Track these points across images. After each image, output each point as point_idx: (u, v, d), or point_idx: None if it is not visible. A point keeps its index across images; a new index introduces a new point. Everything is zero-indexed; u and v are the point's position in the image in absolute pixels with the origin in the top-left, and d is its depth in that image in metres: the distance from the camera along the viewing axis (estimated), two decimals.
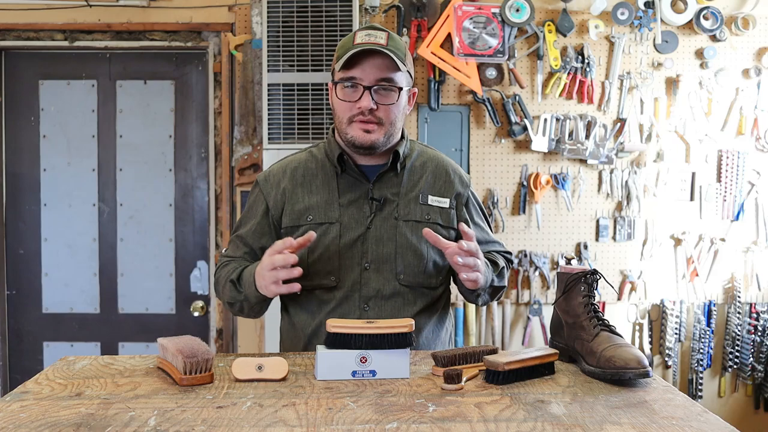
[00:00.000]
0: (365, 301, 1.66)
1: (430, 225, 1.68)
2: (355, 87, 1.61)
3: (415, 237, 1.67)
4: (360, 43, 1.60)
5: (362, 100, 1.60)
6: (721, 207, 3.26)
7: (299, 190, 1.71)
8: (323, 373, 1.35)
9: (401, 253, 1.66)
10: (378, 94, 1.61)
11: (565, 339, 1.48)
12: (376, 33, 1.61)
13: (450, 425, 1.09)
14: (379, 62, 1.60)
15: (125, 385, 1.32)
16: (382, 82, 1.61)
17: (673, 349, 3.26)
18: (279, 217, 1.71)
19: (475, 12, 3.13)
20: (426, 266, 1.68)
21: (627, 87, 3.21)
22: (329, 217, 1.67)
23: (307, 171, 1.73)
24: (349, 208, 1.68)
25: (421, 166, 1.75)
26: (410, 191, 1.70)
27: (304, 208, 1.69)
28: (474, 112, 3.22)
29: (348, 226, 1.66)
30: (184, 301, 3.38)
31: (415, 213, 1.69)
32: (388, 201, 1.69)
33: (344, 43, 1.65)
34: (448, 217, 1.72)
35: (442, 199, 1.72)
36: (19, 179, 3.38)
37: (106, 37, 3.26)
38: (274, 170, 1.77)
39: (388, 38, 1.62)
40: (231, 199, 3.26)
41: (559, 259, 3.24)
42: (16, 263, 3.40)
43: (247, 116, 3.17)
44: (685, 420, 1.12)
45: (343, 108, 1.63)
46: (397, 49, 1.62)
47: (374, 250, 1.66)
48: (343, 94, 1.62)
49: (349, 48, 1.61)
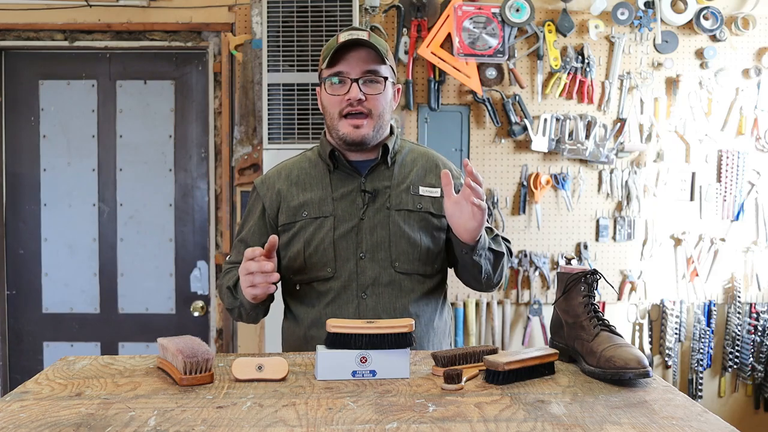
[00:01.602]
0: (362, 290, 1.68)
1: (422, 213, 1.72)
2: (342, 81, 1.67)
3: (408, 225, 1.70)
4: (343, 41, 1.66)
5: (351, 92, 1.66)
6: (721, 207, 3.26)
7: (294, 189, 1.76)
8: (323, 373, 1.35)
9: (395, 241, 1.69)
10: (365, 85, 1.67)
11: (565, 339, 1.48)
12: (357, 32, 1.68)
13: (450, 425, 1.09)
14: (364, 55, 1.66)
15: (125, 385, 1.32)
16: (368, 74, 1.67)
17: (673, 349, 3.26)
18: (275, 217, 1.76)
19: (475, 12, 3.13)
20: (420, 253, 1.71)
21: (627, 87, 3.21)
22: (323, 211, 1.71)
23: (301, 171, 1.78)
24: (342, 201, 1.72)
25: (412, 160, 1.79)
26: (401, 183, 1.74)
27: (299, 204, 1.73)
28: (474, 112, 3.22)
29: (342, 218, 1.70)
30: (184, 301, 3.38)
31: (407, 202, 1.72)
32: (380, 193, 1.72)
33: (329, 44, 1.72)
34: (440, 206, 1.74)
35: (433, 189, 1.75)
36: (19, 179, 3.38)
37: (106, 37, 3.27)
38: (270, 174, 1.83)
39: (370, 35, 1.68)
40: (231, 199, 3.26)
41: (559, 259, 3.24)
42: (16, 263, 3.40)
43: (247, 116, 3.17)
44: (685, 420, 1.12)
45: (332, 102, 1.69)
46: (379, 44, 1.69)
47: (368, 239, 1.69)
48: (332, 89, 1.68)
49: (333, 46, 1.67)
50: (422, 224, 1.72)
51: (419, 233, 1.71)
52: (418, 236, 1.71)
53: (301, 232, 1.71)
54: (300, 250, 1.70)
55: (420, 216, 1.72)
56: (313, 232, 1.69)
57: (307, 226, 1.70)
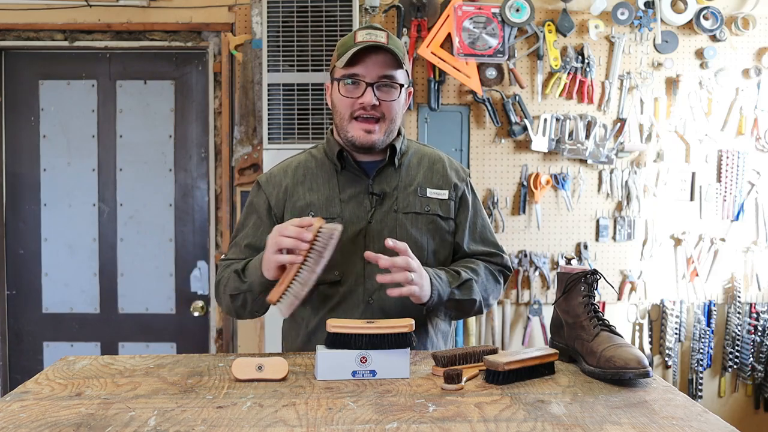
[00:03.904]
0: (369, 295, 1.66)
1: (430, 216, 1.71)
2: (357, 84, 1.63)
3: (415, 229, 1.69)
4: (362, 41, 1.63)
5: (365, 96, 1.62)
6: (721, 207, 3.26)
7: (300, 188, 1.73)
8: (323, 373, 1.35)
9: None
10: (380, 90, 1.63)
11: (565, 339, 1.48)
12: (376, 32, 1.64)
13: (450, 425, 1.09)
14: (381, 59, 1.63)
15: (125, 385, 1.32)
16: (384, 79, 1.63)
17: (673, 349, 3.26)
18: (281, 216, 1.73)
19: (475, 12, 3.13)
20: (426, 258, 1.69)
21: (627, 87, 3.21)
22: (330, 212, 1.69)
23: (307, 170, 1.75)
24: (349, 203, 1.70)
25: (418, 161, 1.77)
26: (409, 185, 1.73)
27: (305, 204, 1.71)
28: (474, 112, 3.22)
29: (349, 221, 1.68)
30: (184, 301, 3.38)
31: (414, 205, 1.71)
32: (387, 195, 1.71)
33: (345, 41, 1.67)
34: (447, 209, 1.74)
35: (440, 192, 1.74)
36: (19, 179, 3.38)
37: (106, 37, 3.26)
38: (275, 171, 1.80)
39: (388, 38, 1.65)
40: (231, 199, 3.26)
41: (559, 259, 3.24)
42: (16, 263, 3.40)
43: (247, 116, 3.17)
44: (685, 420, 1.12)
45: (344, 104, 1.65)
46: (397, 48, 1.65)
47: (376, 243, 1.67)
48: (345, 90, 1.65)
49: (351, 46, 1.63)
50: (430, 227, 1.71)
51: (426, 236, 1.70)
52: (426, 239, 1.70)
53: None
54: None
55: (428, 219, 1.70)
56: None
57: None
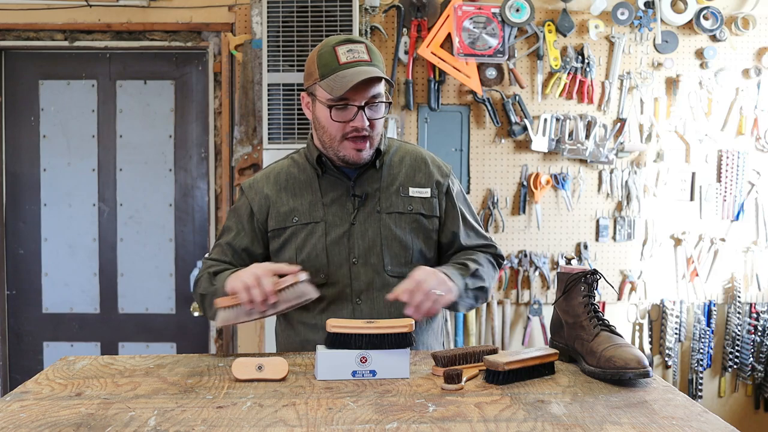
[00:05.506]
0: (357, 295, 1.68)
1: (413, 215, 1.71)
2: (346, 107, 1.61)
3: (399, 229, 1.70)
4: (346, 63, 1.59)
5: (356, 121, 1.61)
6: (721, 207, 3.26)
7: (283, 194, 1.74)
8: (323, 373, 1.35)
9: (387, 244, 1.68)
10: (369, 109, 1.63)
11: (565, 339, 1.48)
12: (356, 47, 1.61)
13: (450, 425, 1.09)
14: (367, 80, 1.59)
15: (125, 385, 1.32)
16: (373, 99, 1.62)
17: (673, 349, 3.25)
18: (264, 221, 1.74)
19: (475, 12, 3.13)
20: (412, 256, 1.70)
21: (627, 87, 3.20)
22: (314, 216, 1.70)
23: (289, 176, 1.76)
24: (332, 206, 1.70)
25: (400, 160, 1.77)
26: (391, 185, 1.73)
27: (288, 210, 1.72)
28: (474, 112, 3.22)
29: (333, 224, 1.69)
30: (184, 301, 3.38)
31: (397, 205, 1.71)
32: (370, 196, 1.71)
33: (327, 61, 1.61)
34: (430, 206, 1.74)
35: (422, 190, 1.74)
36: (19, 179, 3.38)
37: (106, 37, 3.26)
38: (258, 177, 1.81)
39: (369, 51, 1.62)
40: (231, 199, 3.26)
41: (559, 259, 3.24)
42: (16, 263, 3.40)
43: (247, 116, 3.17)
44: (685, 420, 1.12)
45: (335, 127, 1.64)
46: (379, 62, 1.64)
47: (360, 244, 1.68)
48: (337, 115, 1.62)
49: (335, 68, 1.59)
50: (413, 226, 1.71)
51: (411, 235, 1.70)
52: (410, 239, 1.70)
53: (292, 239, 1.70)
54: (292, 256, 1.68)
55: (411, 218, 1.71)
56: (304, 239, 1.68)
57: (298, 233, 1.69)
